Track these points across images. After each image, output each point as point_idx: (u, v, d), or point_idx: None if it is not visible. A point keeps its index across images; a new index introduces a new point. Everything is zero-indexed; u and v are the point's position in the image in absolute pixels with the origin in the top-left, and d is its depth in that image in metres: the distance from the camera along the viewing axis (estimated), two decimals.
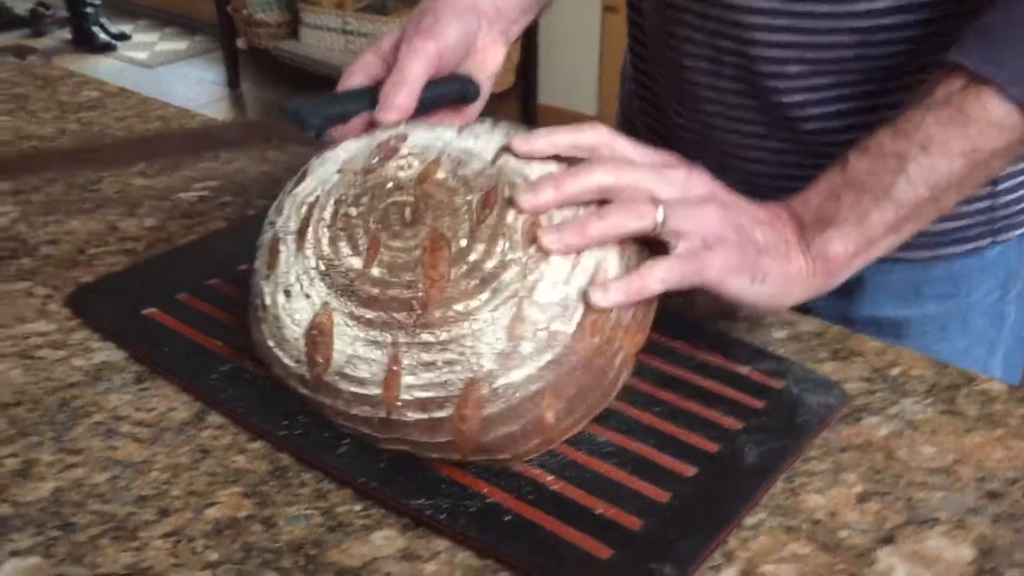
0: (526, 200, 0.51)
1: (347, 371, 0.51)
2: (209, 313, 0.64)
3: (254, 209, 0.79)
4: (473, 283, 0.49)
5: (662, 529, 0.48)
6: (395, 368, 0.50)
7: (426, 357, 0.50)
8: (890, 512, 0.50)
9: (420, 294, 0.50)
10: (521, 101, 3.28)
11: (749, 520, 0.49)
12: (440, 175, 0.53)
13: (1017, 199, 0.73)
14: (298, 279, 0.53)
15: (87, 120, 0.96)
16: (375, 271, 0.51)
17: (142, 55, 4.11)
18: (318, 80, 3.38)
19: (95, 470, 0.53)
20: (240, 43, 3.74)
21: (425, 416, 0.50)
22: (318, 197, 0.55)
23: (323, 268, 0.53)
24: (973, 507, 0.50)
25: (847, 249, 0.56)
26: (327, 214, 0.54)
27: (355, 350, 0.51)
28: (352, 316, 0.51)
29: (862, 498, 0.51)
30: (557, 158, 0.54)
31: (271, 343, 0.55)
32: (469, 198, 0.51)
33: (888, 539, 0.48)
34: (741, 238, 0.53)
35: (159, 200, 0.81)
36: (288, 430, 0.54)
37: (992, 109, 0.55)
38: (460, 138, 0.56)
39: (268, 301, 0.55)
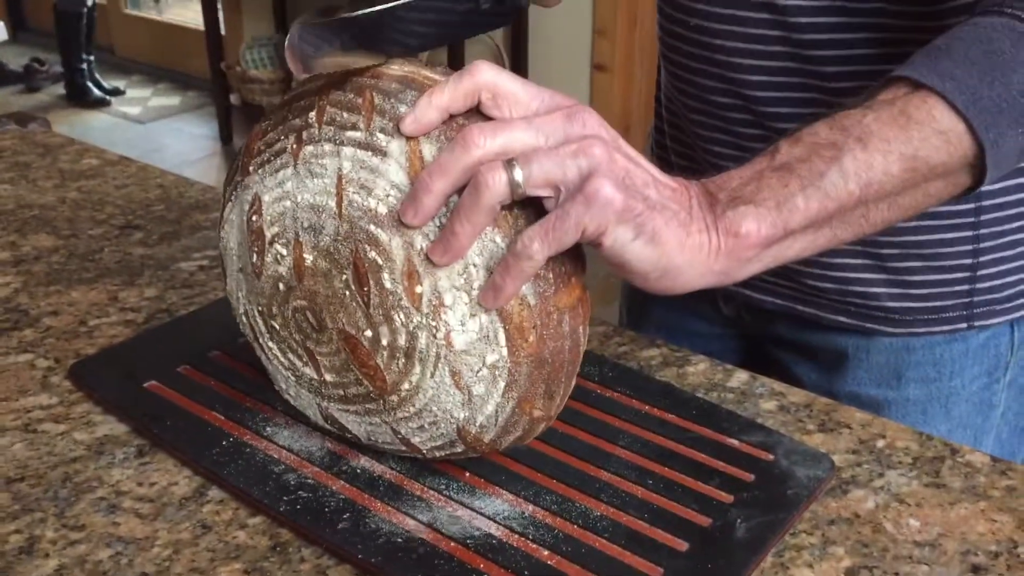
0: (409, 219, 0.48)
1: (373, 440, 0.56)
2: (210, 386, 0.65)
3: None
4: (401, 363, 0.51)
5: None
6: (401, 436, 0.54)
7: (414, 425, 0.53)
8: None
9: (370, 388, 0.52)
10: None
11: None
12: (308, 259, 0.51)
13: (998, 286, 0.74)
14: (287, 384, 0.57)
15: (87, 188, 0.98)
16: (328, 377, 0.54)
17: (135, 110, 4.15)
18: None
19: (98, 547, 0.53)
20: (233, 99, 3.79)
21: (448, 452, 0.54)
22: (246, 308, 0.57)
23: (294, 379, 0.56)
24: None
25: (761, 231, 0.49)
26: (262, 327, 0.56)
27: (368, 430, 0.55)
28: (345, 411, 0.55)
29: (850, 572, 0.52)
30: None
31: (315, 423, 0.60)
32: (345, 278, 0.50)
33: None
34: (627, 183, 0.46)
35: (159, 270, 0.82)
36: (289, 505, 0.55)
37: (939, 116, 0.51)
38: (302, 182, 0.51)
39: (291, 403, 0.60)
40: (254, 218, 0.53)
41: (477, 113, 0.49)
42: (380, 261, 0.49)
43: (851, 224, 0.52)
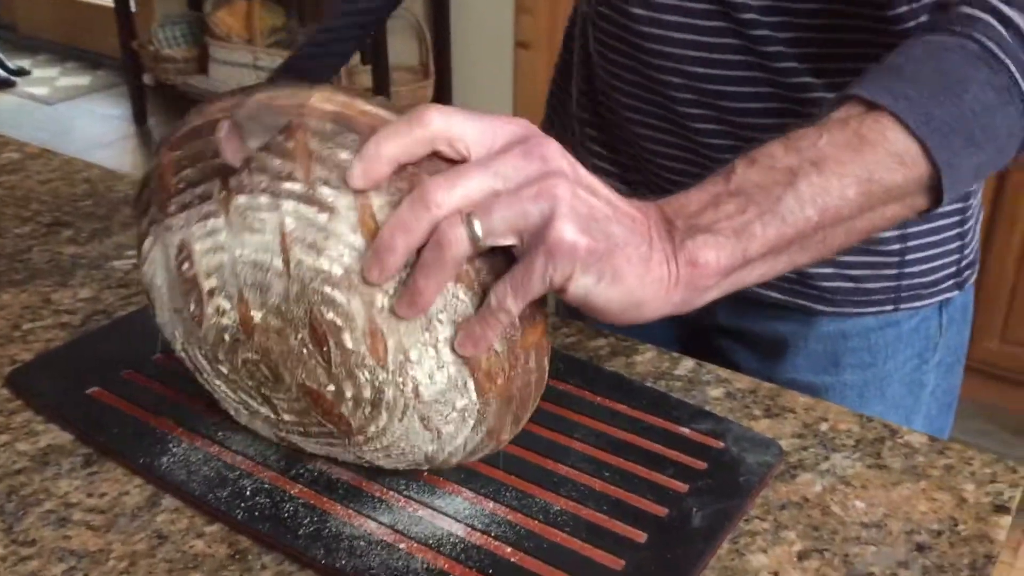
0: (373, 278, 0.46)
1: (333, 458, 0.56)
2: (155, 390, 0.64)
3: None
4: (367, 411, 0.50)
5: None
6: (366, 461, 0.54)
7: (381, 455, 0.53)
8: (829, 569, 0.53)
9: (335, 430, 0.52)
10: None
11: None
12: (256, 317, 0.49)
13: (925, 271, 0.77)
14: (238, 413, 0.57)
15: (9, 184, 0.94)
16: (287, 417, 0.54)
17: (43, 91, 4.00)
18: None
19: (50, 562, 0.52)
20: (146, 79, 3.68)
21: (416, 469, 0.54)
22: (185, 347, 0.55)
23: (248, 413, 0.55)
24: (904, 560, 0.53)
25: (719, 261, 0.49)
26: (206, 367, 0.54)
27: (328, 452, 0.55)
28: (307, 443, 0.55)
29: (802, 556, 0.54)
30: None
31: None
32: (300, 336, 0.49)
33: None
34: (589, 223, 0.46)
35: (92, 269, 0.80)
36: (247, 512, 0.54)
37: (891, 137, 0.51)
38: (237, 237, 0.48)
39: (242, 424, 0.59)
40: (185, 266, 0.50)
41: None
42: (339, 322, 0.47)
43: (809, 249, 0.52)
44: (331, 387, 0.49)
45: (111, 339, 0.70)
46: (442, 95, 3.21)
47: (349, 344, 0.47)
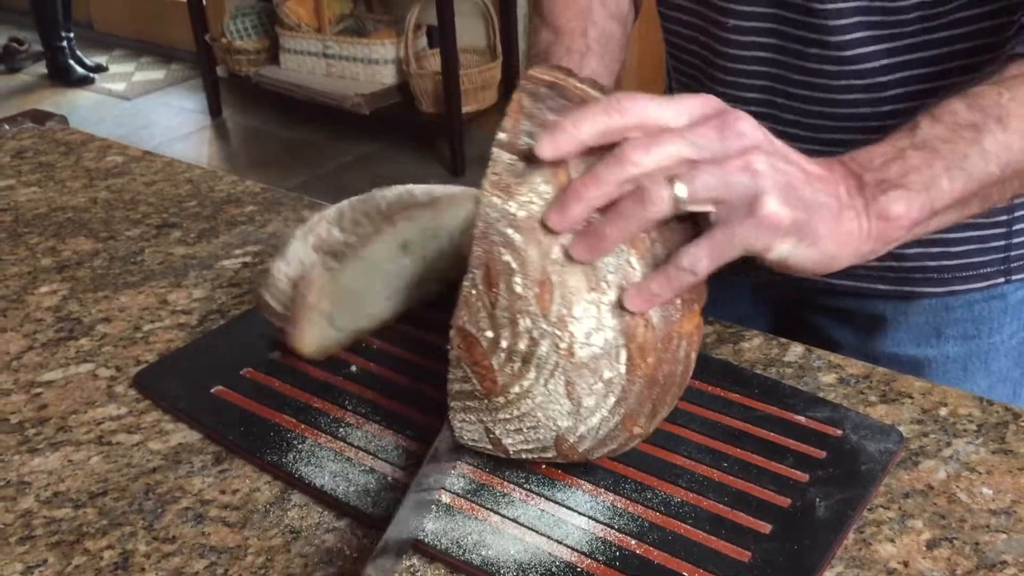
0: (553, 223, 0.48)
1: (459, 437, 0.56)
2: (275, 388, 0.66)
3: None
4: (516, 366, 0.51)
5: None
6: (493, 436, 0.55)
7: (512, 427, 0.54)
8: (960, 557, 0.52)
9: (477, 386, 0.53)
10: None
11: (828, 575, 0.52)
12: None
13: None
14: None
15: (116, 187, 0.97)
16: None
17: (120, 86, 4.10)
18: (301, 105, 3.40)
19: (191, 558, 0.54)
20: (219, 71, 3.75)
21: (538, 457, 0.55)
22: None
23: None
24: None
25: (910, 213, 0.51)
26: None
27: (457, 427, 0.55)
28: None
29: (931, 545, 0.53)
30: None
31: None
32: (472, 275, 0.50)
33: None
34: (788, 195, 0.48)
35: (203, 269, 0.82)
36: (376, 507, 0.56)
37: None
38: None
39: None
40: None
41: None
42: (514, 265, 0.49)
43: (986, 201, 0.54)
44: (489, 333, 0.51)
45: (228, 338, 0.72)
46: (508, 76, 3.21)
47: (518, 288, 0.49)
